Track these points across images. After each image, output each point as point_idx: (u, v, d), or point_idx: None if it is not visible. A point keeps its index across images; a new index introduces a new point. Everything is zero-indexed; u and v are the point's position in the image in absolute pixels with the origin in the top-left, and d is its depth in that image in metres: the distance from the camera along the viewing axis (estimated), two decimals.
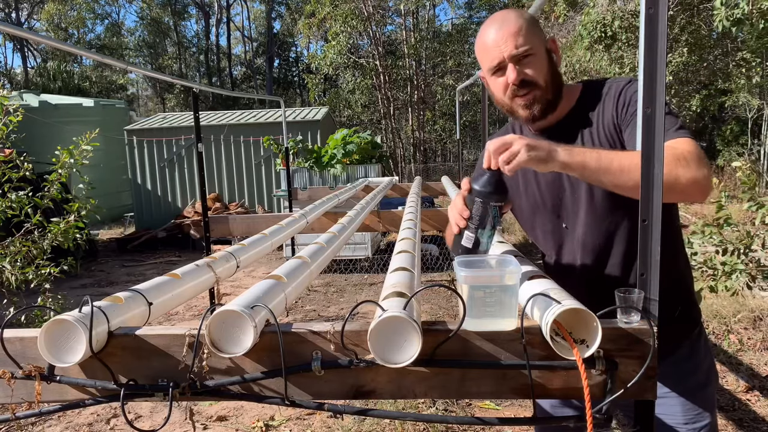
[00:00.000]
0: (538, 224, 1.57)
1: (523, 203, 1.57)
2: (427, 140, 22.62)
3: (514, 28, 1.35)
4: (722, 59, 12.46)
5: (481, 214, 1.22)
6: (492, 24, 1.40)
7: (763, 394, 3.46)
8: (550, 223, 1.52)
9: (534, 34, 1.37)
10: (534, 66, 1.37)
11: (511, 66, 1.36)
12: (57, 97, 14.63)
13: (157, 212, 11.54)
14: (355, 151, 9.43)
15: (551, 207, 1.49)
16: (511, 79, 1.36)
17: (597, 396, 1.05)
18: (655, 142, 1.03)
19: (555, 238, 1.52)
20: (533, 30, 1.38)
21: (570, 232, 1.48)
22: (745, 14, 6.18)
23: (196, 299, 5.18)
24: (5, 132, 3.54)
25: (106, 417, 3.62)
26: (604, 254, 1.43)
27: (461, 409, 3.42)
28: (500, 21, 1.38)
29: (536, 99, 1.39)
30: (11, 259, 3.52)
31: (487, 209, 1.21)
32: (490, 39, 1.38)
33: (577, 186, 1.42)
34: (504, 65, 1.37)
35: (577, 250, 1.47)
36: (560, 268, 1.52)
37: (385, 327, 1.03)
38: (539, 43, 1.38)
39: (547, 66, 1.39)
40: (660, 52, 1.00)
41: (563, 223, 1.49)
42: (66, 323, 1.05)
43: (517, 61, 1.36)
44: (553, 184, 1.46)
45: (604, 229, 1.41)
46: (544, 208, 1.51)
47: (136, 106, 33.26)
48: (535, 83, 1.37)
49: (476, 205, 1.22)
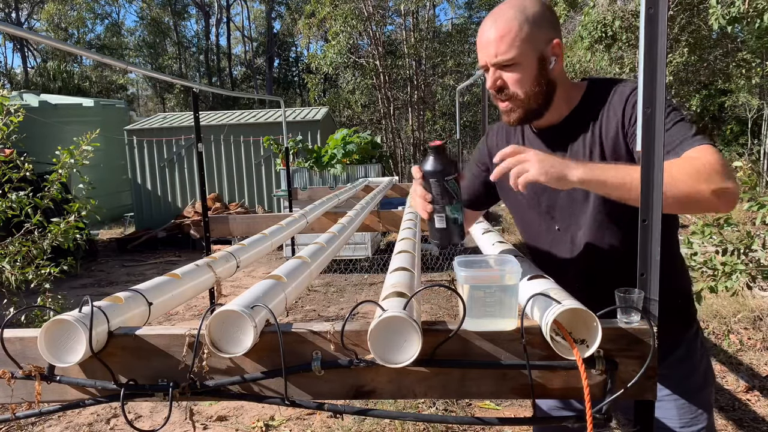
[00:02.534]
0: (529, 223, 1.55)
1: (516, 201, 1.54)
2: (427, 140, 22.60)
3: (503, 32, 1.30)
4: (722, 59, 12.44)
5: (440, 192, 1.24)
6: (487, 20, 1.35)
7: (763, 394, 3.46)
8: (543, 224, 1.49)
9: (526, 40, 1.29)
10: (515, 76, 1.32)
11: (491, 70, 1.34)
12: (57, 97, 14.62)
13: (157, 212, 11.54)
14: (355, 151, 9.43)
15: (545, 208, 1.46)
16: (488, 85, 1.36)
17: (597, 396, 1.05)
18: (655, 142, 1.03)
19: (547, 239, 1.50)
20: (528, 34, 1.29)
21: (562, 235, 1.45)
22: (740, 12, 6.18)
23: (196, 299, 5.18)
24: (6, 132, 3.54)
25: (106, 417, 3.62)
26: (601, 257, 1.40)
27: (461, 409, 3.42)
28: (494, 19, 1.33)
29: (513, 109, 1.36)
30: (11, 259, 3.52)
31: (445, 185, 1.23)
32: (482, 37, 1.35)
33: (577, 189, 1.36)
34: (488, 68, 1.36)
35: (570, 253, 1.44)
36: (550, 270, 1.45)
37: (385, 327, 1.03)
38: (528, 51, 1.30)
39: (535, 75, 1.32)
40: (660, 52, 1.00)
41: (556, 225, 1.46)
42: (66, 323, 1.05)
43: (500, 67, 1.33)
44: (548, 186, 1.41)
45: (602, 232, 1.39)
46: (537, 208, 1.48)
47: (136, 106, 33.26)
48: (512, 95, 1.34)
49: (434, 186, 1.24)
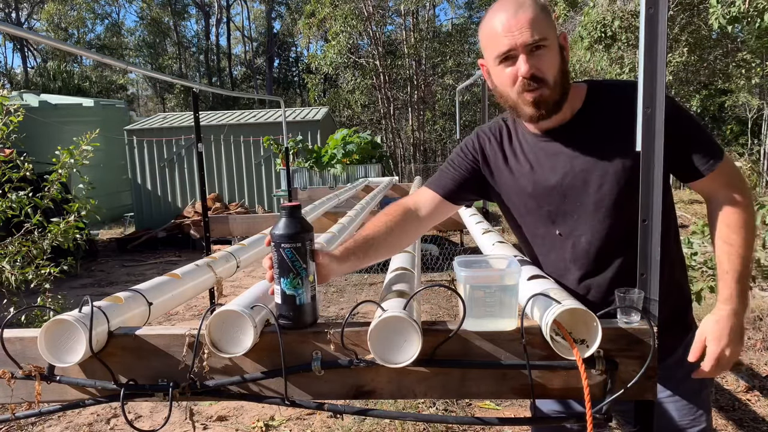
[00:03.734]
0: (527, 228, 1.48)
1: (514, 205, 1.48)
2: (427, 140, 22.61)
3: (531, 14, 1.24)
4: (722, 59, 12.44)
5: (278, 260, 1.10)
6: (504, 6, 1.27)
7: (763, 394, 3.46)
8: (542, 228, 1.44)
9: (549, 26, 1.26)
10: (546, 60, 1.26)
11: (523, 57, 1.24)
12: (57, 97, 14.61)
13: (157, 212, 11.54)
14: (355, 151, 9.43)
15: (546, 213, 1.41)
16: (523, 71, 1.25)
17: (597, 396, 1.05)
18: (655, 142, 1.03)
19: (546, 244, 1.45)
20: (548, 20, 1.27)
21: (563, 240, 1.40)
22: (741, 12, 6.17)
23: (196, 299, 5.17)
24: (5, 132, 3.54)
25: (106, 417, 3.62)
26: (605, 261, 1.37)
27: (461, 409, 3.42)
28: (515, 4, 1.26)
29: (544, 97, 1.27)
30: (11, 259, 3.52)
31: (282, 254, 1.09)
32: (501, 23, 1.25)
33: (583, 194, 1.35)
34: (515, 54, 1.25)
35: (571, 257, 1.40)
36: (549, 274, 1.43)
37: (385, 327, 1.03)
38: (554, 36, 1.28)
39: (559, 62, 1.29)
40: (660, 52, 1.00)
41: (557, 230, 1.41)
42: (66, 323, 1.05)
43: (530, 51, 1.24)
44: (553, 191, 1.38)
45: (608, 237, 1.35)
46: (537, 213, 1.43)
47: (136, 106, 33.24)
48: (545, 80, 1.27)
49: (273, 251, 1.11)
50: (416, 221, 1.46)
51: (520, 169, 1.42)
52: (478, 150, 1.49)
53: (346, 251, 1.27)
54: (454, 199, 1.50)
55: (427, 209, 1.47)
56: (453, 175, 1.50)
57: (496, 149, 1.47)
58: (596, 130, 1.34)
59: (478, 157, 1.49)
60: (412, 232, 1.47)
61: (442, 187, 1.48)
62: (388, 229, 1.38)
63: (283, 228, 1.09)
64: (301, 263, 1.09)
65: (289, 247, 1.08)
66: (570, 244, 1.40)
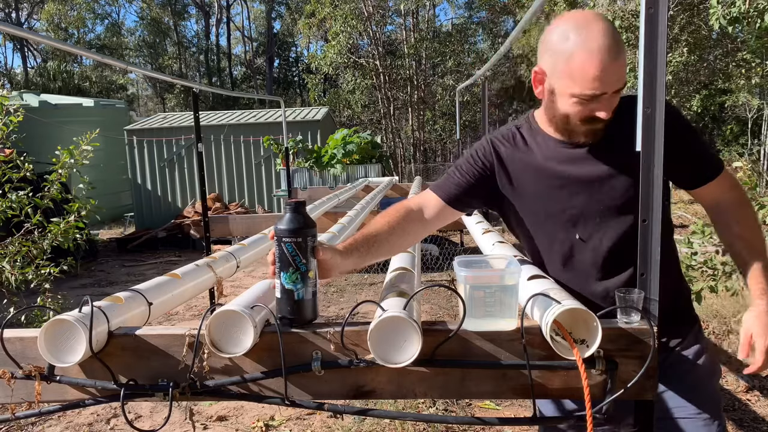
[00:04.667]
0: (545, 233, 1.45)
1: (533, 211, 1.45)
2: (427, 140, 22.61)
3: (624, 59, 1.25)
4: (722, 59, 12.44)
5: (279, 254, 1.11)
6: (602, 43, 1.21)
7: (763, 394, 3.46)
8: (562, 233, 1.42)
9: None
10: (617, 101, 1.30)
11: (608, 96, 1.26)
12: (57, 97, 14.61)
13: (157, 212, 11.54)
14: (355, 151, 9.43)
15: (569, 216, 1.40)
16: (604, 116, 1.28)
17: (597, 396, 1.05)
18: (655, 142, 1.03)
19: (564, 249, 1.43)
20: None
21: (585, 244, 1.39)
22: (741, 12, 6.16)
23: (196, 299, 5.17)
24: (5, 132, 3.54)
25: (106, 417, 3.62)
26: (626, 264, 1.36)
27: (461, 409, 3.42)
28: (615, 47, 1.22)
29: (599, 130, 1.33)
30: (11, 259, 3.52)
31: (282, 248, 1.10)
32: (599, 64, 1.21)
33: (608, 198, 1.35)
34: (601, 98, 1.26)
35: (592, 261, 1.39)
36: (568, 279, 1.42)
37: (385, 327, 1.03)
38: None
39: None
40: (660, 52, 1.00)
41: (577, 234, 1.40)
42: (66, 323, 1.05)
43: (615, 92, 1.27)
44: (576, 197, 1.37)
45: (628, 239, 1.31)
46: (559, 216, 1.41)
47: (136, 106, 33.25)
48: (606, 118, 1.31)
49: (275, 246, 1.11)
50: (419, 223, 1.46)
51: (543, 173, 1.41)
52: (493, 157, 1.47)
53: (349, 246, 1.28)
54: (458, 206, 1.50)
55: (430, 213, 1.47)
56: (459, 181, 1.48)
57: (513, 155, 1.45)
58: (619, 136, 1.34)
59: (492, 165, 1.47)
60: (415, 233, 1.47)
61: (446, 192, 1.47)
62: (391, 229, 1.38)
63: (286, 223, 1.11)
64: (301, 258, 1.10)
65: (290, 242, 1.09)
66: (590, 247, 1.39)
